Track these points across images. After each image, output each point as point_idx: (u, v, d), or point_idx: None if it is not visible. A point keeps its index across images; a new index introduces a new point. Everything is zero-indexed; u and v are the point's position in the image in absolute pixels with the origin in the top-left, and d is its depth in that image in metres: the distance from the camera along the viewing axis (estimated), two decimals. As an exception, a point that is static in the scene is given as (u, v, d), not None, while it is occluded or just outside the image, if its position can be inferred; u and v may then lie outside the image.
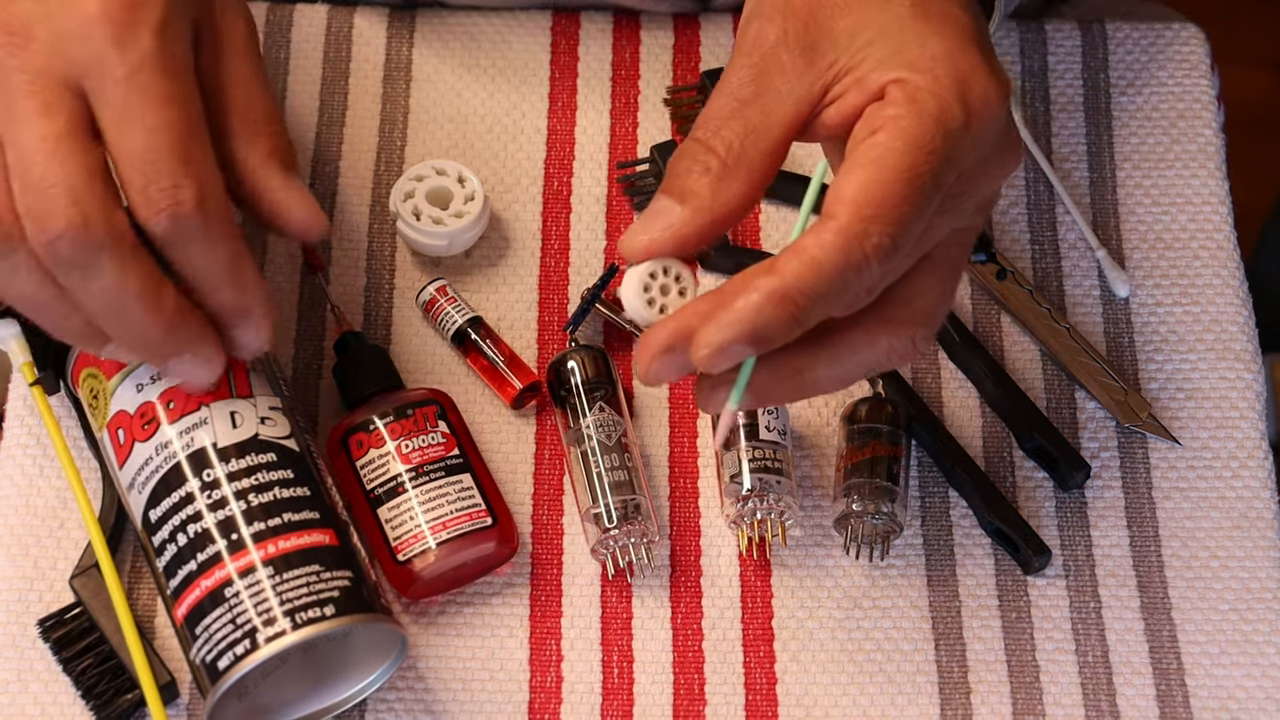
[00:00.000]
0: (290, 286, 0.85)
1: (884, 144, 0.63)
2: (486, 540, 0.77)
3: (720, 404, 0.66)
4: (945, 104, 0.64)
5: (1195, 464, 0.83)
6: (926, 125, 0.63)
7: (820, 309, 0.63)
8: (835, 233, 0.62)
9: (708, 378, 0.66)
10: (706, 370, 0.64)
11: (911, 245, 0.64)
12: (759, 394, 0.66)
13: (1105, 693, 0.78)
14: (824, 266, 0.62)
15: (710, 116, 0.66)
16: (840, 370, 0.66)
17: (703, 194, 0.65)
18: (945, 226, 0.66)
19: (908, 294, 0.66)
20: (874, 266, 0.63)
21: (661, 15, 0.93)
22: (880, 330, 0.66)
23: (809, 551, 0.80)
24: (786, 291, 0.62)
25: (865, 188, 0.63)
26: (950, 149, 0.64)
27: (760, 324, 0.62)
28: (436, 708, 0.77)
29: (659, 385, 0.66)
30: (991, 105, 0.65)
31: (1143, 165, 0.90)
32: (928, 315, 0.67)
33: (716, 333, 0.62)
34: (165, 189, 0.66)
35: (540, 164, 0.89)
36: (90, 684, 0.76)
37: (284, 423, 0.74)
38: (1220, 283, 0.87)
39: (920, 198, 0.63)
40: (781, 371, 0.66)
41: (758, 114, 0.66)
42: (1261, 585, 0.80)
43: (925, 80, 0.64)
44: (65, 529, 0.79)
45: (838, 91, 0.66)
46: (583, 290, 0.84)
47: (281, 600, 0.69)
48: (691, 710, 0.77)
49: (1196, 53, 0.93)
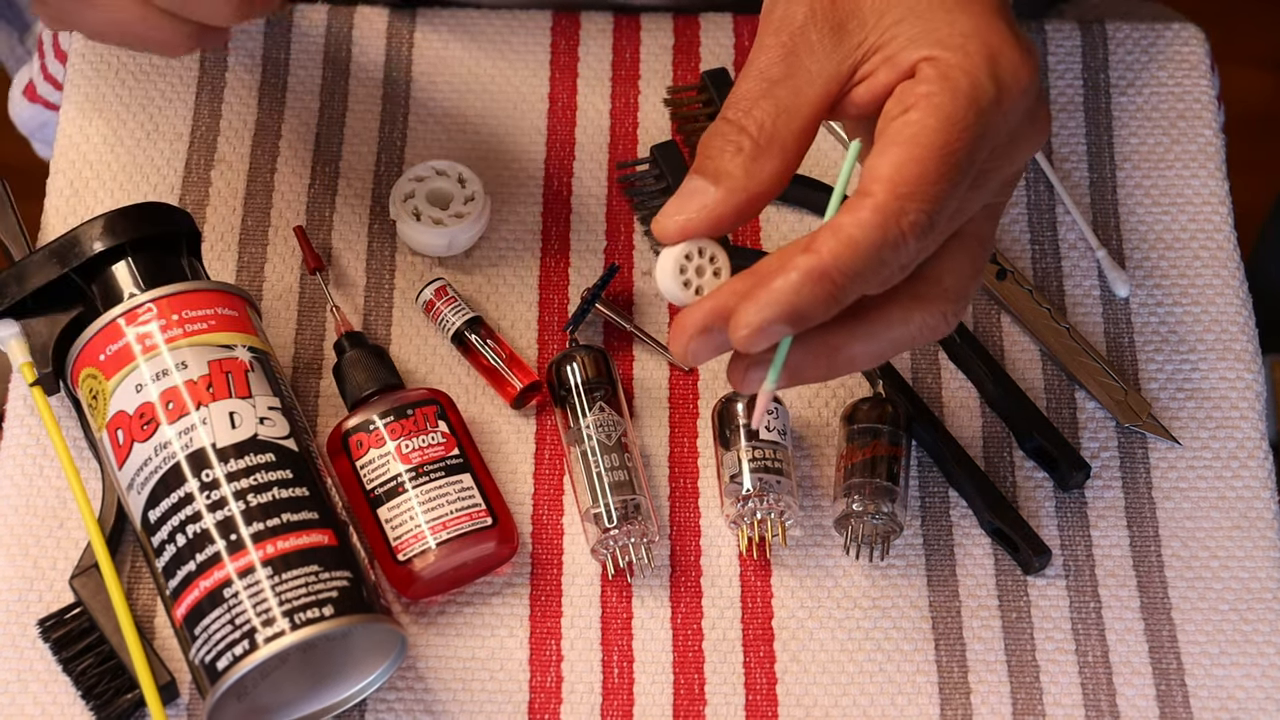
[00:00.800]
0: (291, 287, 0.85)
1: (918, 122, 0.64)
2: (486, 540, 0.77)
3: (757, 384, 0.67)
4: (977, 80, 0.64)
5: (1195, 464, 0.83)
6: (960, 102, 0.64)
7: (858, 287, 0.64)
8: (872, 210, 0.63)
9: (743, 357, 0.67)
10: (745, 350, 0.64)
11: (946, 222, 0.65)
12: (794, 373, 0.67)
13: (1105, 693, 0.78)
14: (861, 244, 0.63)
15: (741, 97, 0.67)
16: (874, 347, 0.67)
17: (736, 174, 0.66)
18: (976, 202, 0.67)
19: (939, 271, 0.67)
20: (910, 244, 0.63)
21: (662, 15, 0.93)
22: (914, 307, 0.67)
23: (809, 551, 0.80)
24: (825, 270, 0.63)
25: (901, 166, 0.63)
26: (983, 125, 0.64)
27: (799, 303, 0.63)
28: (436, 708, 0.77)
29: (697, 365, 0.67)
30: (1022, 80, 0.66)
31: (1143, 165, 0.90)
32: (959, 291, 0.68)
33: (756, 312, 0.63)
34: None
35: (540, 164, 0.89)
36: (90, 684, 0.76)
37: (283, 423, 0.74)
38: (1220, 283, 0.87)
39: (955, 174, 0.64)
40: (816, 350, 0.66)
41: (788, 93, 0.66)
42: (1261, 585, 0.80)
43: (957, 57, 0.65)
44: (65, 529, 0.79)
45: (867, 70, 0.67)
46: (583, 290, 0.84)
47: (280, 600, 0.69)
48: (691, 710, 0.77)
49: (1196, 53, 0.93)
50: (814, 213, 0.88)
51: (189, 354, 0.74)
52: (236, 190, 0.88)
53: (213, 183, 0.88)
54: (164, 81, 0.90)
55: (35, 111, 1.00)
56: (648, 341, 0.84)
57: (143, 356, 0.73)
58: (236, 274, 0.86)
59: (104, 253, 0.76)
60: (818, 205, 0.88)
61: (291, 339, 0.84)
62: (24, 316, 0.77)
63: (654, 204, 0.87)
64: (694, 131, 0.89)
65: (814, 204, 0.88)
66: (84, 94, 0.90)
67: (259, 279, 0.86)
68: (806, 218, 0.88)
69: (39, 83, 0.98)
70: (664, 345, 0.84)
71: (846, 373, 0.68)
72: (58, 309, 0.77)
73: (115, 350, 0.74)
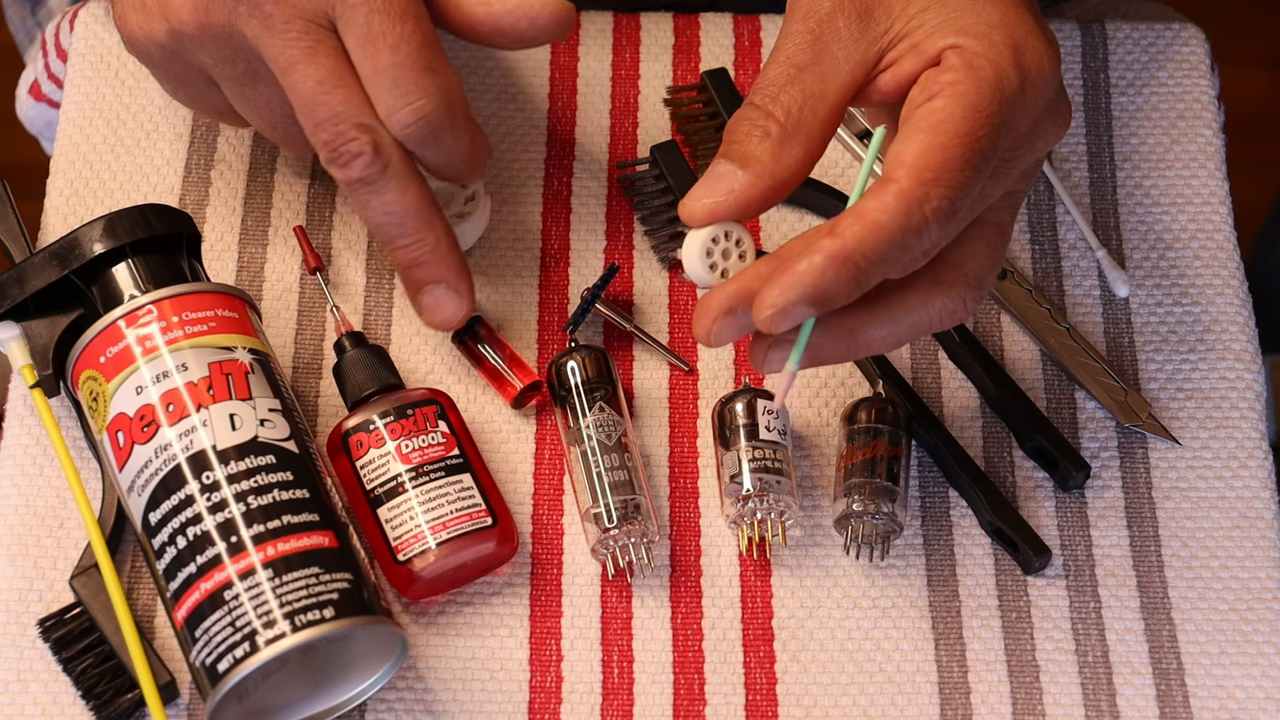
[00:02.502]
0: (291, 287, 0.85)
1: (943, 109, 0.65)
2: (487, 540, 0.77)
3: (778, 365, 0.68)
4: (1002, 70, 0.65)
5: (1195, 464, 0.83)
6: (984, 91, 0.65)
7: (880, 270, 0.64)
8: (896, 196, 0.64)
9: (765, 339, 0.68)
10: (768, 331, 0.65)
11: (968, 209, 0.65)
12: (815, 355, 0.68)
13: (1105, 693, 0.78)
14: (885, 229, 0.64)
15: (768, 82, 0.68)
16: (894, 331, 0.68)
17: (764, 158, 0.67)
18: (998, 190, 0.68)
19: (959, 257, 0.68)
20: (933, 229, 0.64)
21: (662, 15, 0.93)
22: (934, 291, 0.68)
23: (809, 551, 0.80)
24: (848, 253, 0.63)
25: (925, 152, 0.64)
26: (1007, 114, 0.65)
27: (823, 285, 0.64)
28: (436, 708, 0.77)
29: (719, 346, 0.68)
30: (1045, 70, 0.66)
31: (1143, 165, 0.90)
32: (979, 277, 0.69)
33: (780, 294, 0.64)
34: (413, 97, 0.73)
35: (540, 164, 0.89)
36: (90, 684, 0.76)
37: (283, 424, 0.74)
38: (1220, 283, 0.87)
39: (979, 161, 0.64)
40: (837, 332, 0.67)
41: (815, 80, 0.67)
42: (1261, 585, 0.80)
43: (982, 46, 0.65)
44: (65, 529, 0.79)
45: (893, 57, 0.67)
46: (583, 290, 0.84)
47: (281, 602, 0.69)
48: (691, 710, 0.77)
49: (1196, 53, 0.93)
50: (816, 214, 0.88)
51: (189, 356, 0.74)
52: (236, 190, 0.88)
53: (213, 183, 0.88)
54: (164, 81, 0.90)
55: (41, 110, 1.00)
56: (648, 341, 0.84)
57: (143, 358, 0.73)
58: (236, 274, 0.86)
59: (104, 254, 0.76)
60: (820, 206, 0.88)
61: (291, 339, 0.84)
62: (24, 319, 0.77)
63: (654, 204, 0.87)
64: (694, 131, 0.89)
65: (816, 205, 0.88)
66: (84, 94, 0.90)
67: (259, 279, 0.86)
68: (808, 217, 0.88)
69: (43, 81, 0.98)
70: (664, 345, 0.84)
71: (866, 355, 0.69)
72: (58, 311, 0.77)
73: (116, 352, 0.74)
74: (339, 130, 0.73)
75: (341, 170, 0.74)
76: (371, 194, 0.75)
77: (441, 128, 0.74)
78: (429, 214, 0.76)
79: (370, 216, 0.76)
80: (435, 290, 0.78)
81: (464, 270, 0.78)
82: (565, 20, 0.76)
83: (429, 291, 0.78)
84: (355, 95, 0.74)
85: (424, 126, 0.74)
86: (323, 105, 0.73)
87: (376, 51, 0.73)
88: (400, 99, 0.73)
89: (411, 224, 0.76)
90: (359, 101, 0.74)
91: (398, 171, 0.75)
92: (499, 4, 0.76)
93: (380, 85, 0.73)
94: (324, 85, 0.73)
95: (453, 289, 0.78)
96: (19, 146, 1.15)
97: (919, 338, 0.71)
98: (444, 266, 0.77)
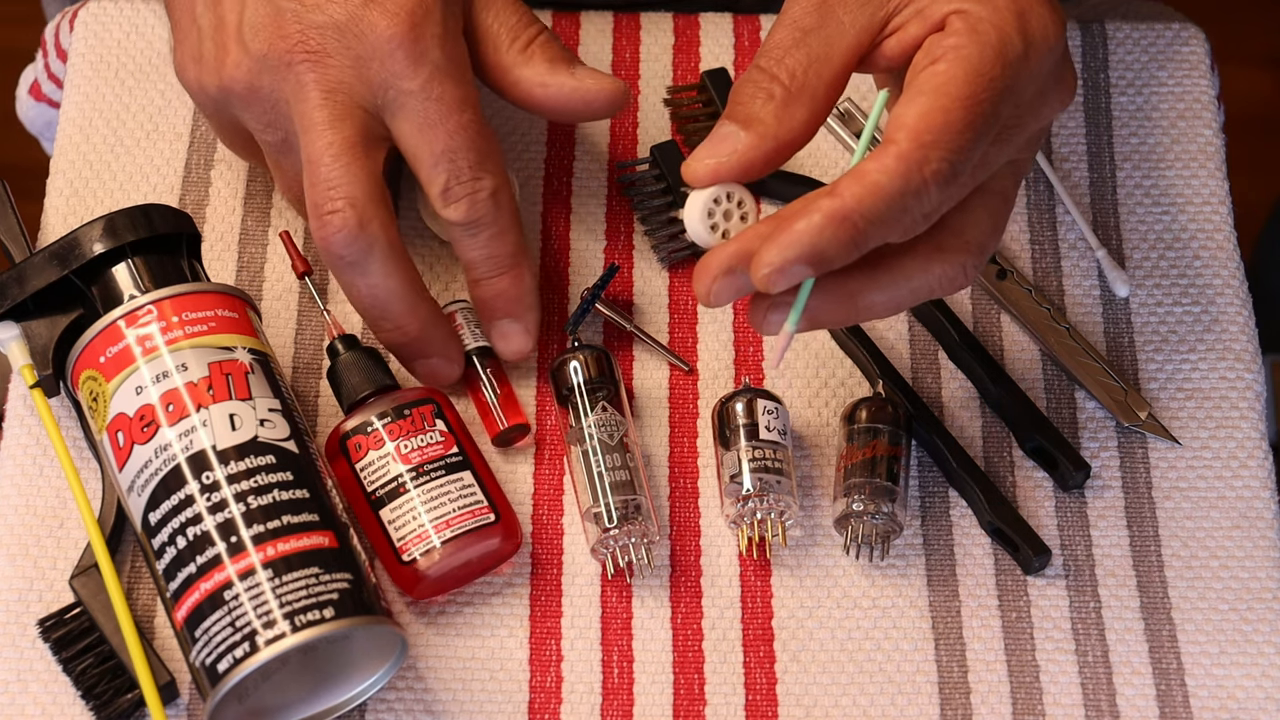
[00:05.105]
0: (290, 287, 0.85)
1: (945, 73, 0.65)
2: (491, 536, 0.77)
3: (777, 326, 0.68)
4: (1006, 35, 0.65)
5: (1195, 464, 0.83)
6: (987, 55, 0.65)
7: (879, 232, 0.65)
8: (896, 157, 0.64)
9: (764, 299, 0.68)
10: (766, 290, 0.65)
11: (969, 174, 0.66)
12: (814, 318, 0.68)
13: (1105, 693, 0.78)
14: (884, 190, 0.64)
15: (773, 46, 0.68)
16: (893, 295, 0.68)
17: (767, 120, 0.67)
18: (1000, 158, 0.68)
19: (961, 224, 0.68)
20: (932, 192, 0.64)
21: (662, 15, 0.93)
22: (934, 257, 0.68)
23: (809, 551, 0.80)
24: (847, 213, 0.64)
25: (926, 115, 0.64)
26: (1010, 79, 0.66)
27: (820, 245, 0.64)
28: (436, 708, 0.77)
29: (719, 307, 0.69)
30: (1050, 37, 0.67)
31: (1143, 165, 0.90)
32: (980, 245, 0.69)
33: (778, 253, 0.64)
34: (466, 182, 0.75)
35: (540, 164, 0.89)
36: (90, 684, 0.76)
37: (283, 425, 0.74)
38: (1220, 283, 0.87)
39: (980, 125, 0.65)
40: (836, 295, 0.67)
41: (820, 43, 0.68)
42: (1261, 585, 0.80)
43: (986, 11, 0.66)
44: (65, 529, 0.79)
45: (898, 22, 0.68)
46: (583, 290, 0.84)
47: (281, 603, 0.69)
48: (691, 710, 0.77)
49: (1196, 53, 0.93)
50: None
51: (189, 356, 0.74)
52: (236, 190, 0.88)
53: (213, 183, 0.88)
54: (164, 82, 0.90)
55: (41, 110, 1.00)
56: (648, 341, 0.84)
57: (143, 358, 0.73)
58: (236, 275, 0.86)
59: (104, 254, 0.76)
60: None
61: (291, 340, 0.84)
62: (24, 319, 0.77)
63: (654, 204, 0.87)
64: (694, 131, 0.89)
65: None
66: (84, 94, 0.90)
67: (259, 280, 0.86)
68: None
69: (43, 81, 0.98)
70: (664, 345, 0.84)
71: (865, 319, 0.70)
72: (58, 311, 0.77)
73: (115, 352, 0.74)
74: (329, 195, 0.74)
75: (320, 236, 0.74)
76: (356, 274, 0.75)
77: (487, 213, 0.76)
78: (414, 299, 0.77)
79: (353, 297, 0.77)
80: (428, 362, 0.79)
81: (454, 338, 0.80)
82: (620, 101, 0.78)
83: (421, 364, 0.80)
84: (361, 172, 0.74)
85: (470, 207, 0.75)
86: (323, 167, 0.74)
87: (434, 137, 0.74)
88: (451, 179, 0.75)
89: (395, 309, 0.77)
90: (362, 178, 0.74)
91: (383, 254, 0.75)
92: (556, 87, 0.77)
93: (434, 169, 0.75)
94: (332, 149, 0.74)
95: (444, 358, 0.79)
96: (19, 146, 1.15)
97: (919, 303, 0.71)
98: (432, 344, 0.79)
